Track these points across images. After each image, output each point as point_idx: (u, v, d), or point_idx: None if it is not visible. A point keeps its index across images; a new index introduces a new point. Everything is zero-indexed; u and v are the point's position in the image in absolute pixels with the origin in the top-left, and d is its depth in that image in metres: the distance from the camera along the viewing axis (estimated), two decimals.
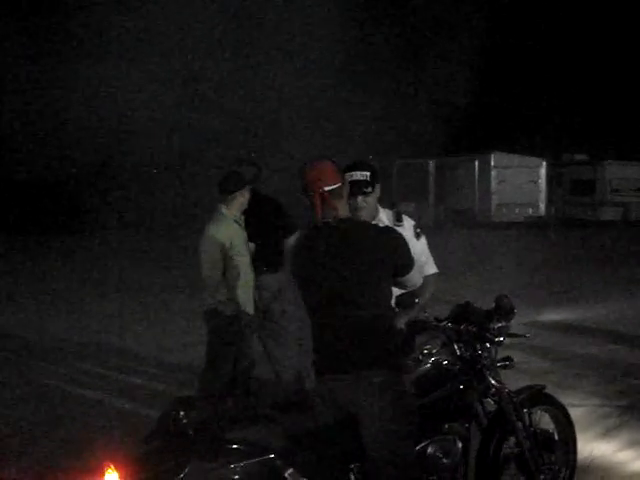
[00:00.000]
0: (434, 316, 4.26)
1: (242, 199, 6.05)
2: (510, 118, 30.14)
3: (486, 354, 4.13)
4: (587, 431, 5.72)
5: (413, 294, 4.07)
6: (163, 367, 8.28)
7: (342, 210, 3.75)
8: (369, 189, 4.36)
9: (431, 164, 29.67)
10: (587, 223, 26.92)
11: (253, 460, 3.25)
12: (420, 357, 4.00)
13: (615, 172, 28.12)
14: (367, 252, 3.65)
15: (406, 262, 3.78)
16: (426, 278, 4.65)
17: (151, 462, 3.11)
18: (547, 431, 4.44)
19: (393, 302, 3.98)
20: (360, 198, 4.32)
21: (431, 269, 4.80)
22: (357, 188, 4.26)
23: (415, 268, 3.86)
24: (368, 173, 4.37)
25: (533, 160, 28.67)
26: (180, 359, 8.43)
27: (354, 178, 4.26)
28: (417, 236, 4.71)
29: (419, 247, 4.66)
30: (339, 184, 3.72)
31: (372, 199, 4.43)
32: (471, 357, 4.10)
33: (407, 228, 4.64)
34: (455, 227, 25.36)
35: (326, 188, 3.66)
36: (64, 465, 4.71)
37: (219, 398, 5.51)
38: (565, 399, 4.82)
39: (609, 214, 27.81)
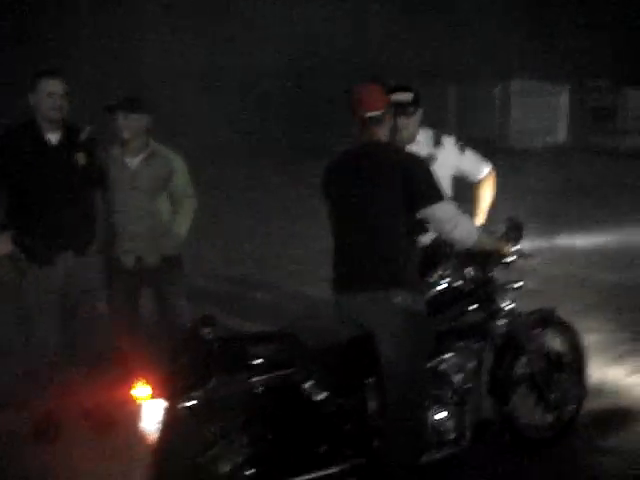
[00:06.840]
0: None
1: None
2: (532, 42, 29.48)
3: (498, 276, 4.23)
4: (600, 356, 5.77)
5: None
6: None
7: (381, 136, 3.84)
8: (411, 109, 4.50)
9: (450, 90, 29.29)
10: (608, 151, 26.54)
11: (274, 374, 3.40)
12: (433, 279, 4.09)
13: (637, 99, 27.62)
14: (386, 173, 3.71)
15: (426, 189, 3.69)
16: (486, 181, 4.87)
17: (178, 376, 3.27)
18: (557, 352, 4.54)
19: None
20: (402, 118, 4.39)
21: (485, 168, 4.89)
22: (401, 108, 4.35)
23: (462, 218, 3.78)
24: (412, 95, 4.52)
25: (554, 87, 28.17)
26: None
27: (398, 98, 4.33)
28: (461, 149, 4.76)
29: (467, 160, 4.77)
30: (381, 111, 3.79)
31: (414, 121, 4.55)
32: (483, 279, 4.18)
33: (449, 149, 4.71)
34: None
35: (367, 114, 3.76)
36: (95, 378, 4.79)
37: None
38: (580, 324, 4.87)
39: (630, 142, 27.42)
